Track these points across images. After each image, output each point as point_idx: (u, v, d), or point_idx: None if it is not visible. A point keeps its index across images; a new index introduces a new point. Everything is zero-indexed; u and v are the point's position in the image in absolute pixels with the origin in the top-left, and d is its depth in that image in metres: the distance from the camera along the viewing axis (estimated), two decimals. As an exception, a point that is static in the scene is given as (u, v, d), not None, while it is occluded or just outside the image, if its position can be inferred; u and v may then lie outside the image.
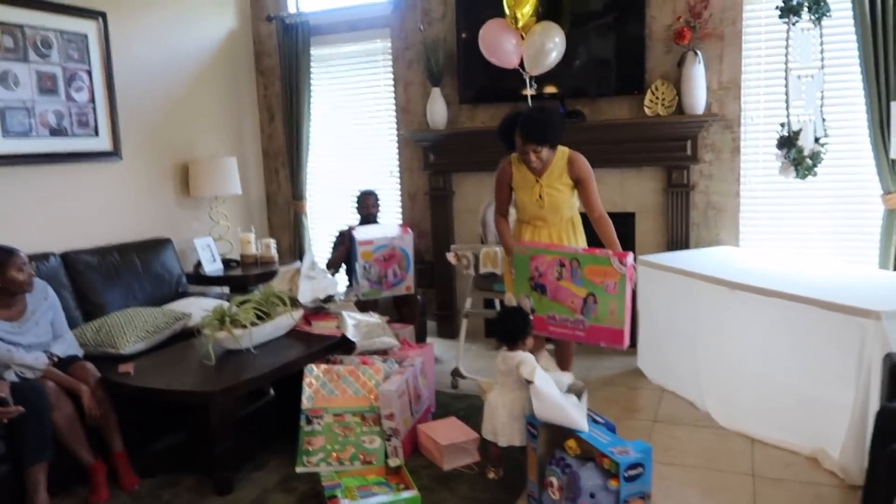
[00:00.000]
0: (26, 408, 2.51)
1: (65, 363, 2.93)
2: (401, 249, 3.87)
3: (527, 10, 3.70)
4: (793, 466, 2.81)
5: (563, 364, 3.18)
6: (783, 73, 3.66)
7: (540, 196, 3.09)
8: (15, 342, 2.81)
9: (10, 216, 3.58)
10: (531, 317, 2.80)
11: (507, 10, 3.74)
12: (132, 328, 3.31)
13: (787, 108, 3.37)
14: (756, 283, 3.09)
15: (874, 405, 2.47)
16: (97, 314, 3.55)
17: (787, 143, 3.38)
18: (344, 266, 4.22)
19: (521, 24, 3.72)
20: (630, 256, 2.76)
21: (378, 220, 4.37)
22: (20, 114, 3.62)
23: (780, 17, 3.32)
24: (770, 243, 4.04)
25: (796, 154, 3.35)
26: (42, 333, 2.95)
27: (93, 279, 3.71)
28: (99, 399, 2.83)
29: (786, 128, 3.40)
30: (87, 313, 3.59)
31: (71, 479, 2.79)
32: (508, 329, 2.76)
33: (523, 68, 3.84)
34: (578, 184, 3.09)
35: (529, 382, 2.53)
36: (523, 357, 2.66)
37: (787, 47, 3.33)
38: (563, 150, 3.10)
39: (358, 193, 4.39)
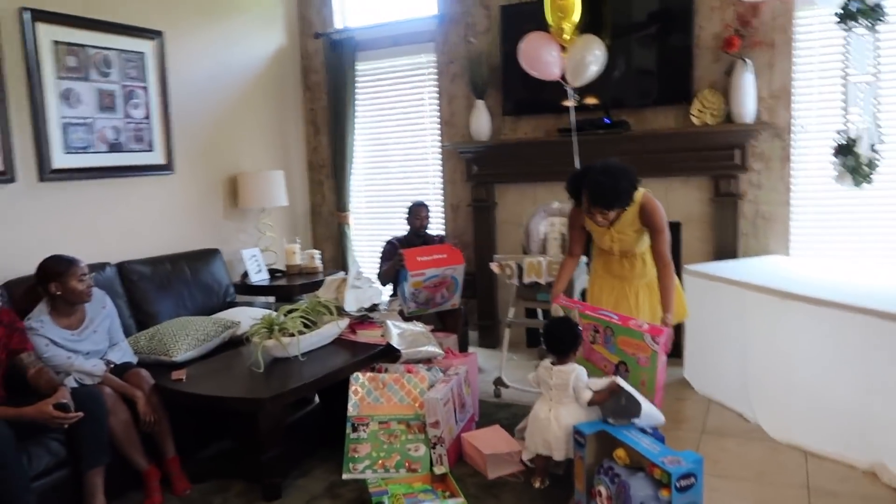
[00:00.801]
0: (85, 413, 2.59)
1: (120, 370, 3.02)
2: (452, 277, 3.89)
3: (572, 22, 3.71)
4: (849, 481, 2.72)
5: None
6: (834, 81, 3.58)
7: (612, 240, 3.06)
8: (75, 350, 2.91)
9: (71, 227, 3.73)
10: (579, 328, 2.78)
11: (551, 23, 3.75)
12: (184, 336, 3.40)
13: (845, 116, 3.28)
14: (808, 293, 3.02)
15: (937, 419, 2.39)
16: (150, 323, 3.66)
17: (845, 150, 3.29)
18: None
19: (566, 35, 3.73)
20: (665, 334, 2.70)
21: (428, 230, 4.38)
22: (81, 130, 3.77)
23: (839, 22, 3.25)
24: (821, 252, 3.94)
25: (854, 162, 3.26)
26: (100, 341, 3.05)
27: (146, 289, 3.82)
28: (153, 405, 2.91)
29: (843, 135, 3.32)
30: (140, 322, 3.70)
31: (126, 484, 2.86)
32: (557, 340, 2.72)
33: (565, 80, 3.84)
34: (649, 230, 2.99)
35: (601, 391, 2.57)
36: (578, 370, 2.65)
37: (845, 53, 3.26)
38: (637, 196, 2.93)
39: (410, 205, 4.38)
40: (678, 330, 3.89)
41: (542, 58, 3.80)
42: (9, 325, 2.74)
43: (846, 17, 3.23)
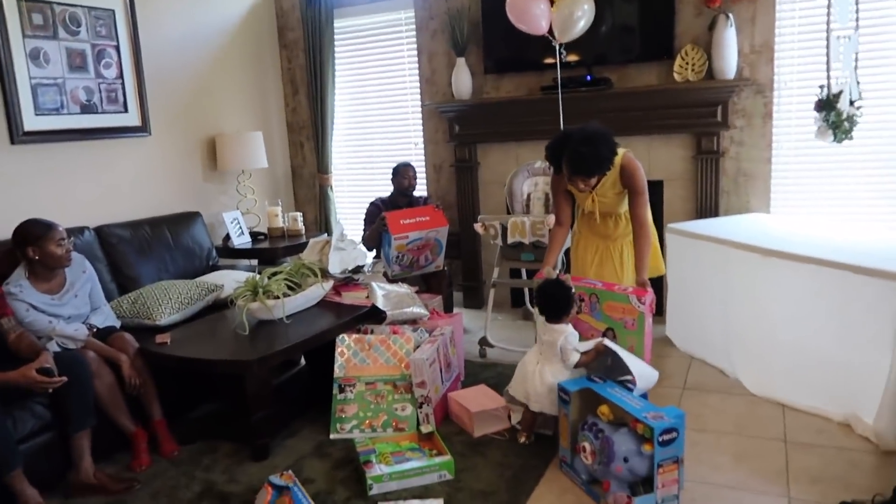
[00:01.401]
0: (69, 377, 2.57)
1: (104, 334, 3.00)
2: (436, 240, 3.88)
3: None
4: (825, 432, 2.80)
5: None
6: (818, 35, 3.56)
7: (593, 202, 3.05)
8: (56, 314, 2.88)
9: (46, 191, 3.65)
10: (573, 289, 2.80)
11: None
12: (167, 300, 3.38)
13: (828, 71, 3.28)
14: (788, 250, 3.06)
15: (911, 370, 2.45)
16: (131, 287, 3.63)
17: (827, 105, 3.30)
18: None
19: None
20: (649, 295, 2.74)
21: (415, 192, 4.33)
22: (52, 91, 3.66)
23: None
24: (802, 210, 3.98)
25: (835, 117, 3.27)
26: (81, 305, 3.02)
27: (126, 252, 3.77)
28: (138, 368, 2.90)
29: (824, 90, 3.32)
30: (121, 286, 3.66)
31: (114, 447, 2.88)
32: (552, 303, 2.73)
33: (552, 35, 3.79)
34: (628, 192, 2.99)
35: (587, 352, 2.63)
36: (569, 332, 2.68)
37: (828, 6, 3.24)
38: (617, 159, 2.91)
39: (396, 165, 4.30)
40: (657, 286, 3.94)
41: (530, 10, 3.74)
42: (-13, 290, 2.70)
43: (830, -30, 3.21)
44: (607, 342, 2.67)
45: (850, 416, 2.81)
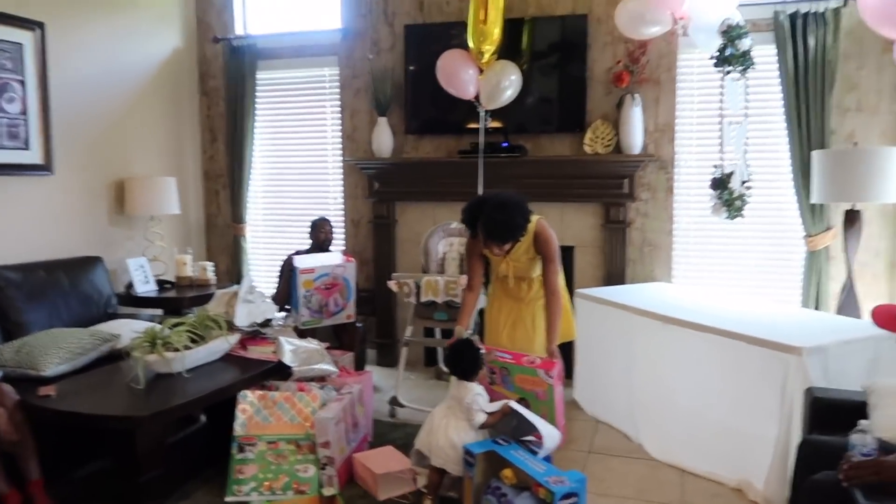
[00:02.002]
0: (-65, 432, 2.36)
1: (-20, 385, 2.77)
2: (343, 279, 3.84)
3: (489, 48, 3.81)
4: (720, 497, 2.90)
5: None
6: (713, 118, 3.87)
7: (507, 267, 3.11)
8: (-74, 361, 2.65)
9: (-72, 228, 3.40)
10: (482, 350, 2.82)
11: (471, 45, 3.83)
12: (56, 349, 3.16)
13: (721, 152, 3.56)
14: (686, 318, 3.21)
15: (796, 437, 2.58)
16: (19, 334, 3.39)
17: (720, 184, 3.56)
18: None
19: (485, 59, 3.82)
20: (557, 367, 2.81)
21: (331, 248, 4.31)
22: (-55, 122, 3.46)
23: (716, 65, 3.53)
24: (701, 280, 4.21)
25: (728, 195, 3.53)
26: (-44, 353, 2.79)
27: (15, 297, 3.53)
28: (16, 423, 2.68)
29: (719, 170, 3.58)
30: (7, 332, 3.41)
31: (-20, 509, 2.62)
32: (458, 362, 2.76)
33: (478, 101, 3.93)
34: (541, 259, 3.05)
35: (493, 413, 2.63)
36: (478, 391, 2.69)
37: (721, 94, 3.53)
38: (531, 226, 2.98)
39: (313, 220, 4.30)
40: (568, 350, 4.02)
41: (459, 75, 3.87)
42: None
43: (721, 61, 3.50)
44: (513, 404, 2.69)
45: (743, 481, 2.92)
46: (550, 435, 2.59)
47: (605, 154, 4.17)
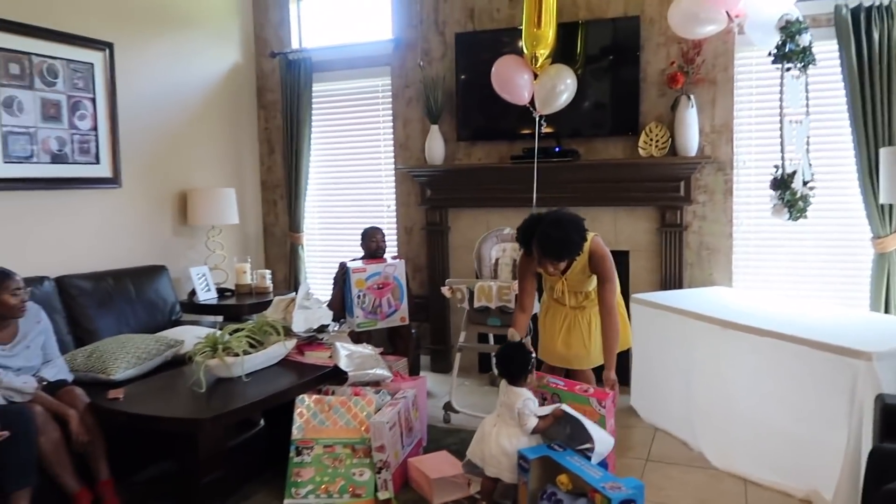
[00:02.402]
0: (12, 432, 2.48)
1: (54, 388, 2.90)
2: (394, 278, 3.88)
3: (543, 51, 3.79)
4: (786, 508, 2.79)
5: None
6: (773, 118, 3.74)
7: (563, 287, 3.10)
8: (5, 365, 2.79)
9: (8, 239, 3.60)
10: (533, 354, 2.81)
11: (526, 50, 3.83)
12: (124, 354, 3.30)
13: (782, 151, 3.45)
14: (748, 323, 3.11)
15: (867, 445, 2.47)
16: (89, 340, 3.54)
17: (781, 184, 3.44)
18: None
19: (539, 64, 3.81)
20: (610, 397, 2.77)
21: (385, 255, 4.36)
22: (23, 139, 3.66)
23: (774, 62, 3.43)
24: (763, 284, 4.08)
25: (790, 196, 3.41)
26: (32, 357, 2.93)
27: (86, 305, 3.70)
28: (87, 425, 2.80)
29: (780, 170, 3.47)
30: (79, 338, 3.58)
31: (55, 507, 2.74)
32: (507, 364, 2.75)
33: (533, 107, 3.92)
34: (597, 277, 3.01)
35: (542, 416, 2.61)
36: (528, 396, 2.67)
37: (781, 92, 3.43)
38: (586, 244, 2.94)
39: (364, 229, 4.34)
40: (624, 356, 3.96)
41: (514, 80, 3.87)
42: (-66, 339, 2.61)
43: (780, 58, 3.39)
44: (565, 407, 2.65)
45: (812, 492, 2.80)
46: (602, 439, 2.54)
47: (659, 157, 4.09)
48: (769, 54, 3.45)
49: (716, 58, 4.03)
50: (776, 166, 3.52)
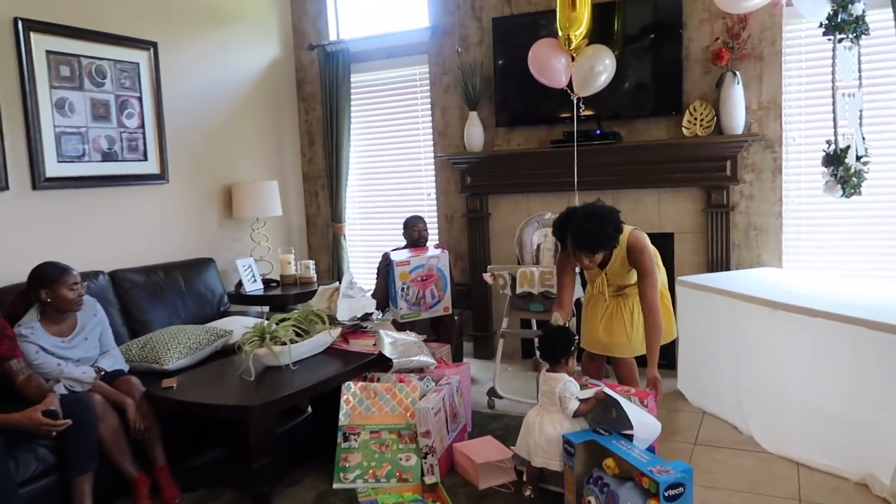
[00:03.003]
0: (74, 420, 2.58)
1: (111, 377, 3.01)
2: (438, 269, 3.90)
3: (579, 32, 3.73)
4: (841, 492, 2.72)
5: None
6: (824, 92, 3.62)
7: (603, 282, 3.08)
8: (65, 357, 2.90)
9: (64, 235, 3.73)
10: (576, 337, 2.79)
11: (559, 32, 3.78)
12: (176, 344, 3.39)
13: (835, 126, 3.32)
14: (799, 303, 3.03)
15: (926, 428, 2.39)
16: (142, 331, 3.66)
17: (835, 160, 3.32)
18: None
19: (573, 45, 3.75)
20: (652, 396, 2.74)
21: (427, 243, 4.38)
22: (74, 139, 3.78)
23: (825, 34, 3.30)
24: (815, 265, 3.95)
25: (843, 172, 3.29)
26: (90, 348, 3.05)
27: (138, 297, 3.82)
28: (143, 412, 2.90)
29: (832, 145, 3.35)
30: (132, 330, 3.70)
31: (115, 492, 2.85)
32: (551, 345, 2.75)
33: (571, 89, 3.87)
34: (637, 272, 2.97)
35: (582, 400, 2.60)
36: (567, 379, 2.65)
37: (833, 65, 3.30)
38: (623, 238, 2.91)
39: (406, 218, 4.37)
40: (671, 342, 3.90)
41: (552, 64, 3.82)
42: (-1, 331, 2.74)
43: (831, 28, 3.27)
44: (607, 390, 2.63)
45: (868, 476, 2.72)
46: (644, 424, 2.50)
47: (704, 136, 4.00)
48: (820, 25, 3.33)
49: (762, 32, 3.90)
50: (828, 142, 3.39)
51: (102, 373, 2.99)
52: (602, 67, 3.75)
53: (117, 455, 2.81)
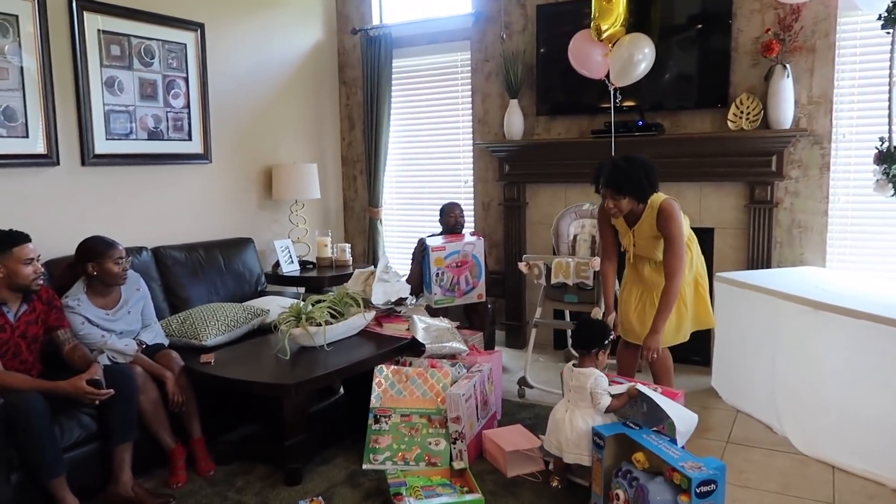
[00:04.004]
0: (116, 390, 2.66)
1: (152, 350, 3.10)
2: (473, 256, 3.90)
3: (610, 23, 3.67)
4: (878, 498, 2.66)
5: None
6: (879, 87, 3.50)
7: (630, 242, 3.08)
8: (109, 329, 2.99)
9: (110, 211, 3.84)
10: (613, 334, 2.78)
11: (595, 24, 3.73)
12: (214, 321, 3.47)
13: (890, 123, 3.21)
14: (842, 304, 2.95)
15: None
16: (182, 307, 3.75)
17: (887, 158, 3.21)
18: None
19: (605, 36, 3.69)
20: (679, 395, 2.74)
21: (464, 231, 4.39)
22: (122, 117, 3.87)
23: (883, 27, 3.19)
24: (860, 265, 3.85)
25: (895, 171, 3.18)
26: (133, 322, 3.13)
27: (179, 274, 3.91)
28: (182, 386, 2.98)
29: (885, 143, 3.24)
30: (173, 306, 3.79)
31: (153, 461, 2.94)
32: (587, 334, 2.74)
33: (608, 80, 3.81)
34: (663, 237, 2.96)
35: (615, 395, 2.60)
36: (597, 374, 2.64)
37: (891, 59, 3.18)
38: (655, 201, 2.95)
39: (443, 205, 4.39)
40: (706, 338, 3.84)
41: (592, 56, 3.77)
42: (47, 302, 2.83)
43: (891, 21, 3.15)
44: (640, 387, 2.61)
45: (906, 482, 2.66)
46: (683, 417, 2.49)
47: (750, 130, 3.91)
48: (878, 18, 3.21)
49: (816, 24, 3.79)
50: (881, 139, 3.28)
51: (144, 346, 3.08)
52: (641, 56, 3.68)
53: (156, 426, 2.89)
